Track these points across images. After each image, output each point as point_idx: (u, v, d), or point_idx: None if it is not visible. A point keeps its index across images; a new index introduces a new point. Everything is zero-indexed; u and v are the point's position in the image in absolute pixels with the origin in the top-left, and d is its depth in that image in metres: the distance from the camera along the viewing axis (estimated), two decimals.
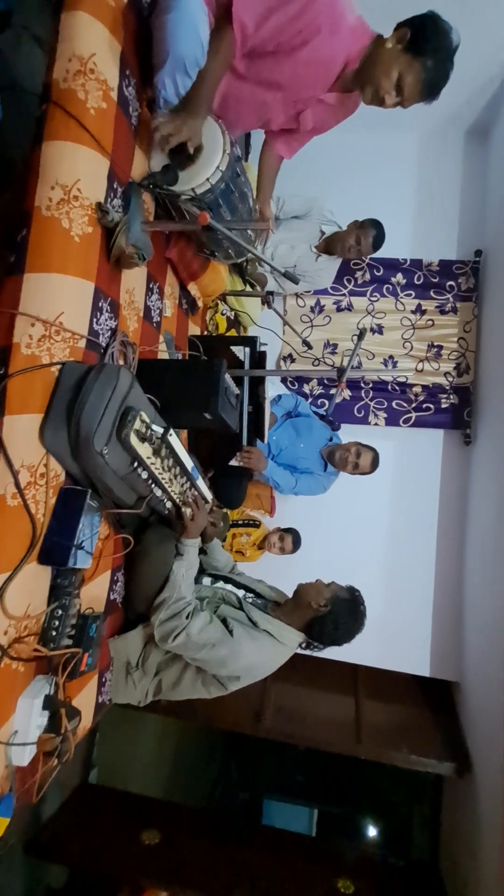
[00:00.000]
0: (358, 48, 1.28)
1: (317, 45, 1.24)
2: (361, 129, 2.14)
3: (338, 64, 1.31)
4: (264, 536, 2.59)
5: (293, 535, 2.52)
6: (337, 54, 1.29)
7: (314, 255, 2.56)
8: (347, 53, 1.29)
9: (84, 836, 2.39)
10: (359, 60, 1.29)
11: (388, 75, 1.23)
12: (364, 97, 1.33)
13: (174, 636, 1.26)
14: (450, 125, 2.94)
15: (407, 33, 1.20)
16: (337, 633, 1.36)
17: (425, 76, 1.22)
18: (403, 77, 1.23)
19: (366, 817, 5.66)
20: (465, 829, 2.27)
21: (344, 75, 1.34)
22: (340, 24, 1.23)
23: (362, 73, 1.30)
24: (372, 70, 1.26)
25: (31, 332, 0.97)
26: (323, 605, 1.36)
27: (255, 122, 1.57)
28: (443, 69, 1.22)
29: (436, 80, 1.23)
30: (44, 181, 1.03)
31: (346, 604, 1.38)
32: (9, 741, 0.91)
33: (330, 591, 1.39)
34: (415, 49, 1.20)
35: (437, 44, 1.20)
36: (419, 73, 1.21)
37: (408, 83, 1.23)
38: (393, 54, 1.22)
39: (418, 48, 1.19)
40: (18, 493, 0.92)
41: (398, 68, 1.22)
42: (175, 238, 1.56)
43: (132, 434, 1.03)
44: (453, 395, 2.83)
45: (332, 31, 1.22)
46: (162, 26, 1.15)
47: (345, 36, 1.26)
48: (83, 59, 1.06)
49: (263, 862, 2.38)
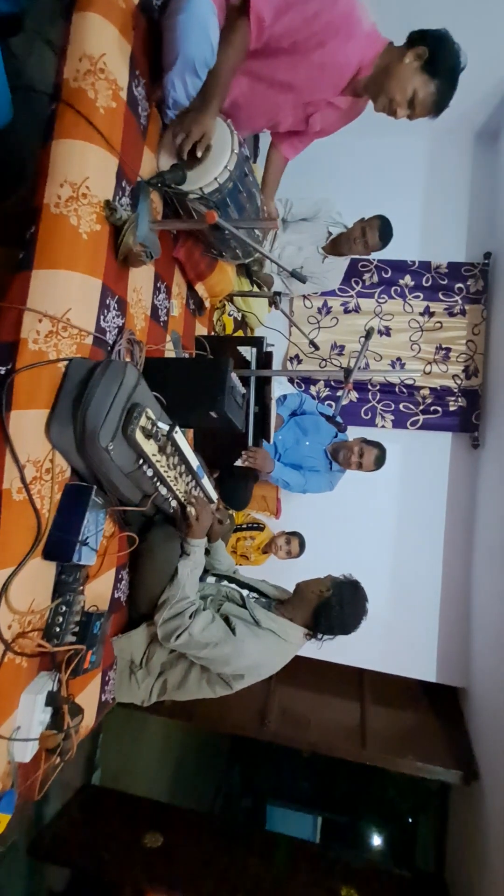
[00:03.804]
0: (371, 55, 1.31)
1: (332, 49, 1.27)
2: (371, 132, 2.15)
3: (351, 69, 1.34)
4: (269, 540, 2.57)
5: (299, 538, 2.50)
6: (351, 59, 1.31)
7: (321, 257, 2.56)
8: (361, 59, 1.32)
9: (86, 838, 2.38)
10: (372, 67, 1.33)
11: (404, 91, 1.29)
12: (376, 106, 1.38)
13: (177, 635, 1.26)
14: (459, 128, 2.94)
15: (425, 53, 1.25)
16: (343, 614, 1.36)
17: (437, 96, 1.29)
18: (417, 94, 1.29)
19: (370, 826, 5.59)
20: (471, 839, 2.23)
21: (356, 81, 1.37)
22: (356, 29, 1.26)
23: (377, 82, 1.33)
24: (387, 82, 1.30)
25: (38, 328, 0.98)
26: (325, 590, 1.38)
27: (265, 123, 1.58)
28: (451, 90, 1.30)
29: (445, 100, 1.31)
30: (53, 179, 1.03)
31: (347, 586, 1.40)
32: (11, 737, 0.91)
33: (328, 579, 1.42)
34: (431, 69, 1.26)
35: (451, 66, 1.26)
36: (432, 93, 1.28)
37: (420, 100, 1.30)
38: (410, 71, 1.27)
39: (434, 69, 1.26)
40: (24, 487, 0.92)
41: (413, 85, 1.28)
42: (183, 238, 1.57)
43: (138, 430, 1.03)
44: (461, 397, 2.81)
45: (348, 36, 1.26)
46: (172, 27, 1.16)
47: (360, 42, 1.29)
48: (93, 59, 1.07)
49: (266, 867, 2.35)
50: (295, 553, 2.49)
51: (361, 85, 1.37)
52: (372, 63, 1.32)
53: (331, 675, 2.70)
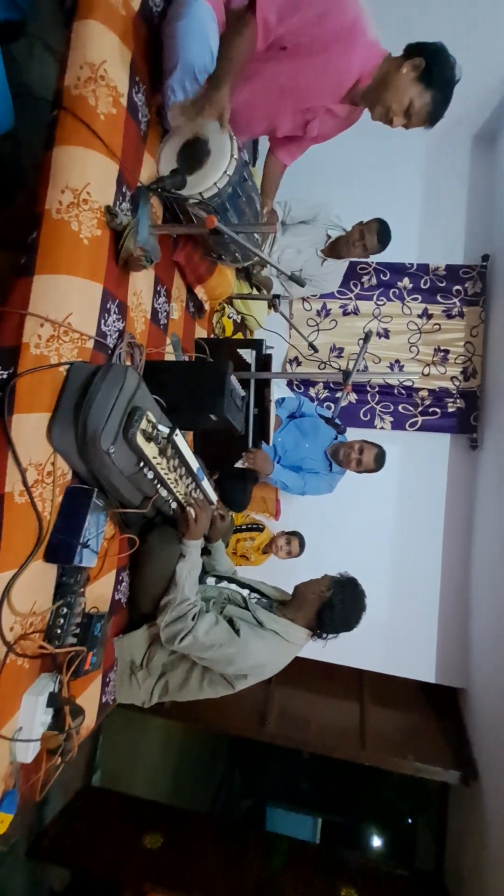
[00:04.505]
0: (371, 65, 1.33)
1: (333, 55, 1.29)
2: (369, 135, 2.14)
3: (352, 77, 1.36)
4: (269, 541, 2.58)
5: (299, 538, 2.51)
6: (352, 68, 1.33)
7: (320, 260, 2.57)
8: (361, 69, 1.34)
9: (86, 839, 2.39)
10: (371, 77, 1.35)
11: (400, 101, 1.31)
12: (373, 115, 1.40)
13: (181, 638, 1.26)
14: (457, 130, 2.95)
15: (422, 64, 1.27)
16: (346, 612, 1.38)
17: (432, 107, 1.31)
18: (413, 104, 1.31)
19: (370, 827, 5.59)
20: (471, 839, 2.24)
21: (355, 90, 1.39)
22: (359, 38, 1.28)
23: (374, 92, 1.35)
24: (384, 92, 1.32)
25: (40, 332, 0.99)
26: (325, 591, 1.40)
27: (264, 128, 1.59)
28: (446, 102, 1.32)
29: (440, 112, 1.33)
30: (54, 185, 1.04)
31: (345, 584, 1.42)
32: (13, 737, 0.92)
33: (326, 579, 1.44)
34: (427, 80, 1.28)
35: (446, 77, 1.28)
36: (427, 103, 1.30)
37: (416, 110, 1.32)
38: (407, 81, 1.29)
39: (430, 80, 1.28)
40: (26, 490, 0.93)
41: (410, 95, 1.30)
42: (183, 242, 1.58)
43: (138, 433, 1.04)
44: (460, 399, 2.82)
45: (350, 44, 1.28)
46: (172, 34, 1.18)
47: (361, 51, 1.31)
48: (94, 66, 1.08)
49: (266, 868, 2.36)
50: (295, 553, 2.50)
51: (360, 94, 1.39)
52: (371, 73, 1.34)
53: (331, 675, 2.70)
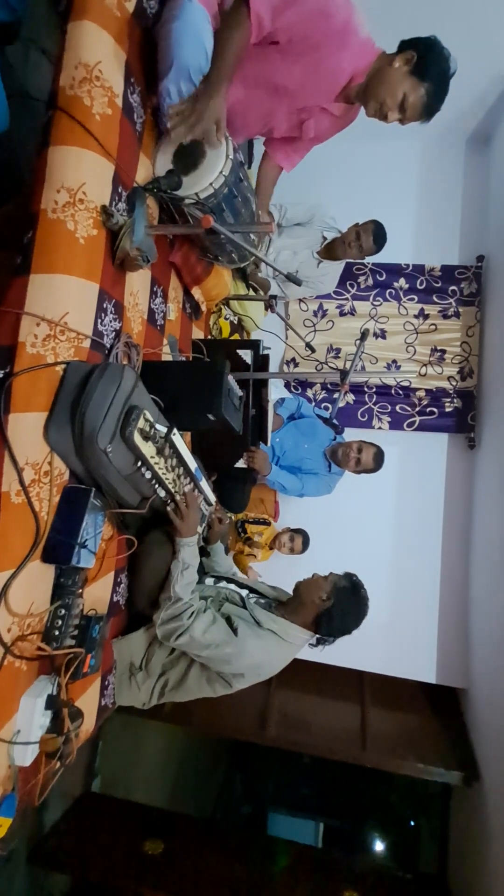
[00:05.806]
0: (365, 64, 1.33)
1: (326, 54, 1.29)
2: (364, 136, 2.17)
3: (345, 76, 1.36)
4: (275, 536, 2.60)
5: (303, 535, 2.53)
6: (345, 67, 1.33)
7: (316, 261, 2.57)
8: (355, 68, 1.34)
9: (87, 845, 2.37)
10: (364, 76, 1.35)
11: (393, 95, 1.30)
12: (367, 111, 1.39)
13: (176, 636, 1.26)
14: (451, 132, 2.97)
15: (413, 56, 1.26)
16: (345, 622, 1.36)
17: (427, 99, 1.30)
18: (407, 97, 1.30)
19: (372, 830, 5.55)
20: (474, 841, 2.23)
21: (349, 88, 1.39)
22: (351, 38, 1.28)
23: (368, 88, 1.35)
24: (378, 87, 1.32)
25: (36, 331, 0.98)
26: (325, 598, 1.35)
27: (259, 129, 1.59)
28: (442, 94, 1.31)
29: (435, 104, 1.32)
30: (50, 184, 1.04)
31: (347, 592, 1.38)
32: (11, 740, 0.91)
33: (329, 582, 1.38)
34: (420, 73, 1.27)
35: (440, 70, 1.27)
36: (422, 96, 1.29)
37: (410, 103, 1.31)
38: (399, 75, 1.28)
39: (423, 72, 1.27)
40: (23, 490, 0.93)
41: (403, 89, 1.29)
42: (179, 242, 1.58)
43: (136, 432, 1.04)
44: (457, 398, 2.83)
45: (342, 43, 1.28)
46: (167, 35, 1.18)
47: (354, 50, 1.31)
48: (89, 67, 1.09)
49: (267, 873, 2.34)
50: (298, 550, 2.51)
51: (354, 92, 1.40)
52: (365, 72, 1.34)
53: (331, 677, 2.69)
